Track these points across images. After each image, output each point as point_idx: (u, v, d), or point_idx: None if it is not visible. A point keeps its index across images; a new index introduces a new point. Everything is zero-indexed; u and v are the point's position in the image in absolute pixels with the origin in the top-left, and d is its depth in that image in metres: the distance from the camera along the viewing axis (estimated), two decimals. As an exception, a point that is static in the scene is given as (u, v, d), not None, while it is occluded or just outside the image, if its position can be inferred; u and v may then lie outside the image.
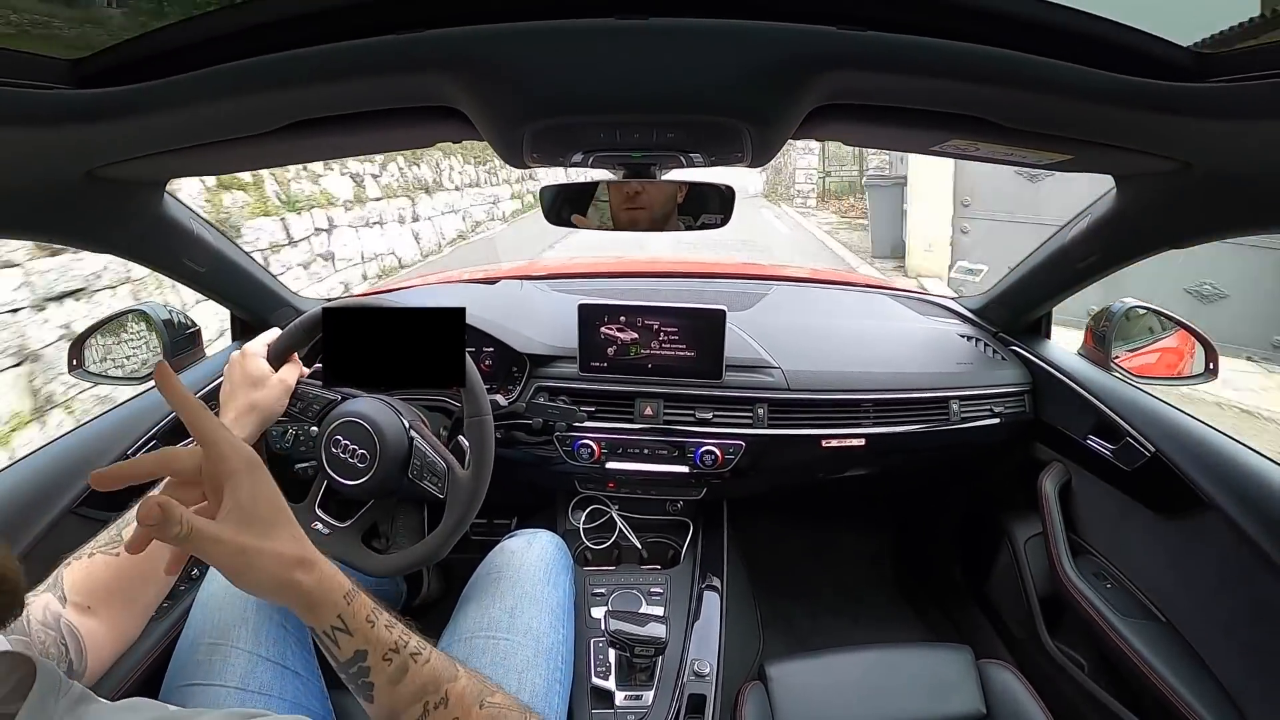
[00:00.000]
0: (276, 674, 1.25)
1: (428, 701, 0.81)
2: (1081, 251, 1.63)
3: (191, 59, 0.81)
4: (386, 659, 0.79)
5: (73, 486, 1.41)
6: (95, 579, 1.00)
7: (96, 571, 1.01)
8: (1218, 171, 1.06)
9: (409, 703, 0.80)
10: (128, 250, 1.46)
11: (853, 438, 1.83)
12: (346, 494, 1.33)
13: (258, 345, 1.31)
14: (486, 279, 2.33)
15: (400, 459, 1.32)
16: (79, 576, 0.99)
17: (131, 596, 1.03)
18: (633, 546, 2.00)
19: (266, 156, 1.31)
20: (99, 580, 1.00)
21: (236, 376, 1.27)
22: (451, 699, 0.82)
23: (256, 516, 0.74)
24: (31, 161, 1.01)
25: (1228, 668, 1.44)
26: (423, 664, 0.82)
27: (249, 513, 0.74)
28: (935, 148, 1.13)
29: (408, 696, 0.80)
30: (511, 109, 0.92)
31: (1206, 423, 1.55)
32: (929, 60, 0.80)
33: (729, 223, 1.34)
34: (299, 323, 1.33)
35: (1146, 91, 0.80)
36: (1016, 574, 1.97)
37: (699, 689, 1.54)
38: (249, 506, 0.74)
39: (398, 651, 0.80)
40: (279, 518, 0.77)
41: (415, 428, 1.36)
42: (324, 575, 0.77)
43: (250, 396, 1.25)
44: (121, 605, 1.02)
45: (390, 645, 0.80)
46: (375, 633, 0.80)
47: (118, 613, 1.01)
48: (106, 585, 1.00)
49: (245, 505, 0.74)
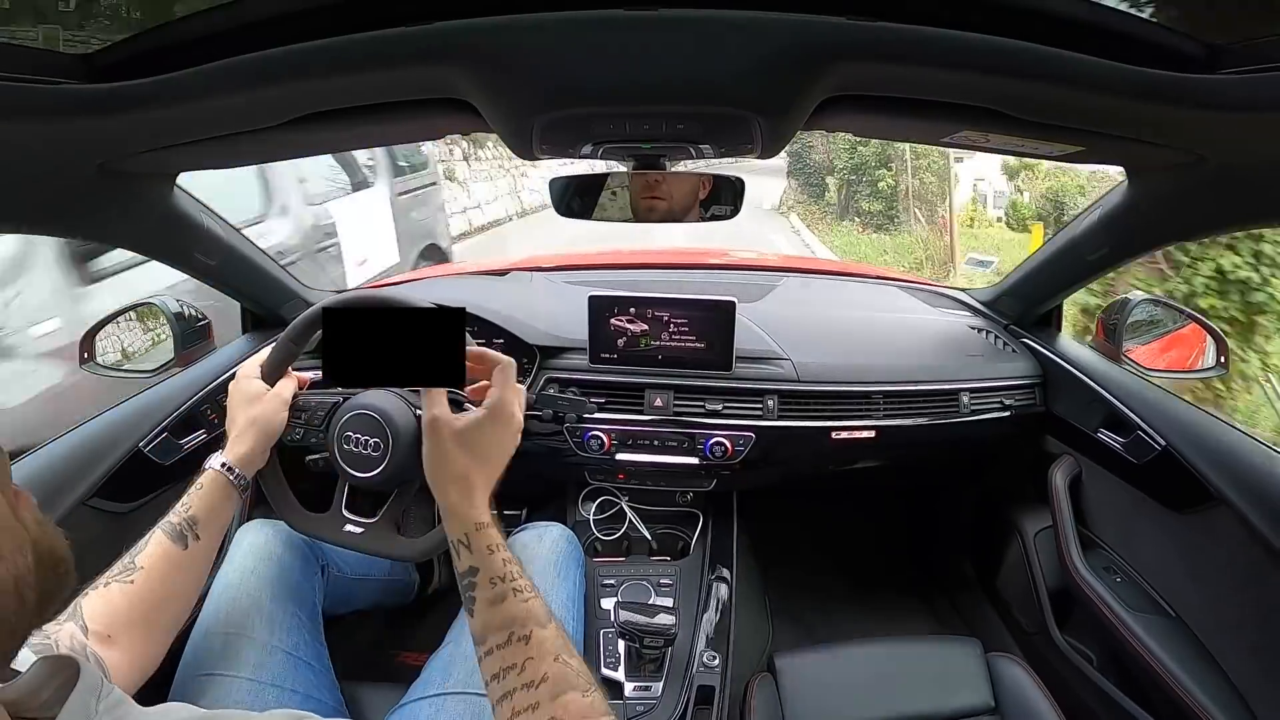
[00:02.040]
0: (289, 664, 1.26)
1: (513, 633, 0.91)
2: (1092, 244, 1.62)
3: (202, 52, 0.81)
4: (491, 583, 0.95)
5: (85, 479, 1.42)
6: (114, 607, 1.01)
7: (114, 600, 1.01)
8: (1230, 163, 1.05)
9: (498, 628, 0.92)
10: (139, 243, 1.47)
11: (863, 430, 1.82)
12: (366, 487, 1.33)
13: (250, 366, 1.31)
14: (496, 270, 2.33)
15: (413, 440, 1.32)
16: (97, 605, 0.99)
17: (150, 622, 1.04)
18: (642, 538, 2.00)
19: (276, 149, 1.31)
20: (118, 608, 1.01)
21: (234, 399, 1.28)
22: (533, 640, 0.90)
23: (485, 443, 1.06)
24: (44, 155, 1.02)
25: (1237, 664, 1.43)
26: (521, 601, 0.94)
27: (486, 438, 1.06)
28: (946, 139, 1.12)
29: (498, 622, 0.92)
30: (521, 101, 0.92)
31: (1219, 417, 1.54)
32: (940, 51, 0.79)
33: (738, 214, 1.35)
34: (284, 337, 1.33)
35: (1158, 83, 0.80)
36: (1026, 567, 1.96)
37: (708, 680, 1.54)
38: (486, 438, 1.06)
39: (504, 581, 0.95)
40: (492, 454, 1.07)
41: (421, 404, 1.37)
42: (471, 505, 1.01)
43: (248, 414, 1.25)
44: (142, 631, 1.03)
45: (499, 574, 0.95)
46: (491, 559, 0.97)
47: (138, 639, 1.02)
48: (126, 613, 1.01)
49: (485, 435, 1.06)
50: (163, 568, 1.07)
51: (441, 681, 1.26)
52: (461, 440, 1.04)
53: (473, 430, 1.05)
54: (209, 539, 1.14)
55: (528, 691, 0.86)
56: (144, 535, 1.10)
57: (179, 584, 1.09)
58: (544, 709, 0.84)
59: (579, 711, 0.83)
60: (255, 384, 1.29)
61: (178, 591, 1.10)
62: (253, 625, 1.27)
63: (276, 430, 1.28)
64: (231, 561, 1.38)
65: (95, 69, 0.83)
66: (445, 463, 1.03)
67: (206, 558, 1.15)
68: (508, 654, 0.90)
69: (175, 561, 1.08)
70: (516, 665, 0.88)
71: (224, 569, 1.37)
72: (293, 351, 1.34)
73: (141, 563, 1.06)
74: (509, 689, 0.87)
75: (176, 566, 1.08)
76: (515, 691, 0.86)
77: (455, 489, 1.02)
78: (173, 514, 1.13)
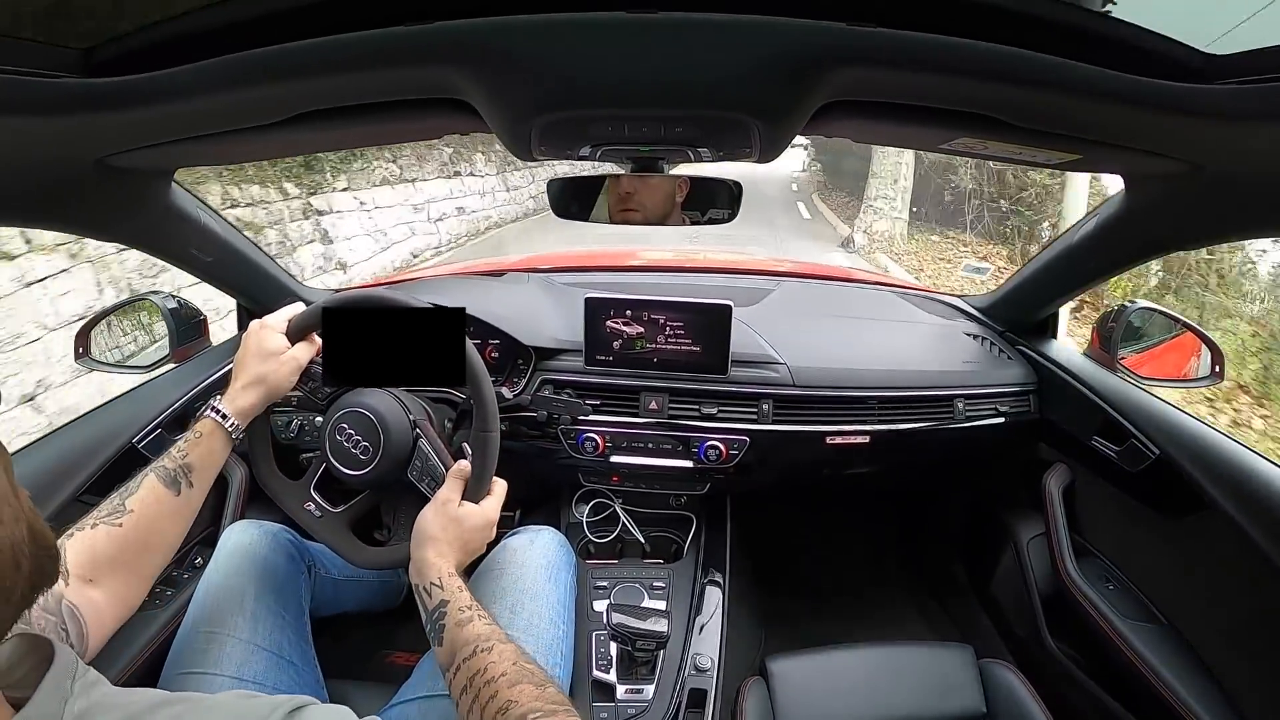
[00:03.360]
0: (272, 663, 1.27)
1: (477, 647, 1.00)
2: (1089, 252, 1.62)
3: (201, 49, 0.81)
4: (460, 610, 1.07)
5: (77, 475, 1.42)
6: (98, 550, 1.01)
7: (99, 543, 1.02)
8: (1227, 173, 1.05)
9: (464, 643, 1.01)
10: (136, 239, 1.46)
11: (857, 434, 1.82)
12: (345, 482, 1.34)
13: (278, 319, 1.31)
14: (494, 271, 2.33)
15: (402, 457, 1.33)
16: (81, 548, 1.00)
17: (133, 566, 1.05)
18: (636, 540, 2.01)
19: (274, 146, 1.31)
20: (102, 551, 1.01)
21: (251, 346, 1.27)
22: (494, 650, 0.99)
23: (467, 529, 1.22)
24: (42, 150, 1.02)
25: (1230, 673, 1.43)
26: (485, 623, 1.05)
27: (471, 526, 1.23)
28: (944, 146, 1.12)
29: (465, 638, 1.02)
30: (520, 102, 0.92)
31: (1213, 425, 1.54)
32: (938, 57, 0.80)
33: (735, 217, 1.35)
34: (321, 303, 1.33)
35: (1157, 92, 0.80)
36: (1019, 574, 1.96)
37: (700, 684, 1.54)
38: (471, 527, 1.23)
39: (470, 609, 1.07)
40: (470, 541, 1.24)
41: (420, 425, 1.36)
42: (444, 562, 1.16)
43: (260, 368, 1.25)
44: (125, 574, 1.03)
45: (466, 605, 1.08)
46: (460, 595, 1.10)
47: (120, 581, 1.02)
48: (110, 556, 1.02)
49: (472, 525, 1.23)
50: (153, 512, 1.08)
51: (432, 684, 1.26)
52: (455, 521, 1.22)
53: (465, 518, 1.22)
54: (200, 486, 1.15)
55: (489, 686, 0.94)
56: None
57: (167, 530, 1.10)
58: (501, 695, 0.91)
59: (531, 696, 0.90)
60: (277, 339, 1.29)
61: (165, 537, 1.10)
62: (236, 624, 1.27)
63: (282, 392, 1.29)
64: (217, 561, 1.38)
65: (94, 64, 0.83)
66: (437, 532, 1.20)
67: (196, 504, 1.16)
68: (473, 663, 0.98)
69: (167, 507, 1.09)
70: (480, 670, 0.97)
71: (209, 568, 1.37)
72: (319, 318, 1.33)
73: (131, 505, 1.06)
74: (475, 690, 0.95)
75: (168, 512, 1.10)
76: (480, 689, 0.95)
77: (434, 549, 1.18)
78: (166, 459, 1.14)
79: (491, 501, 1.27)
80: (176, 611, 1.42)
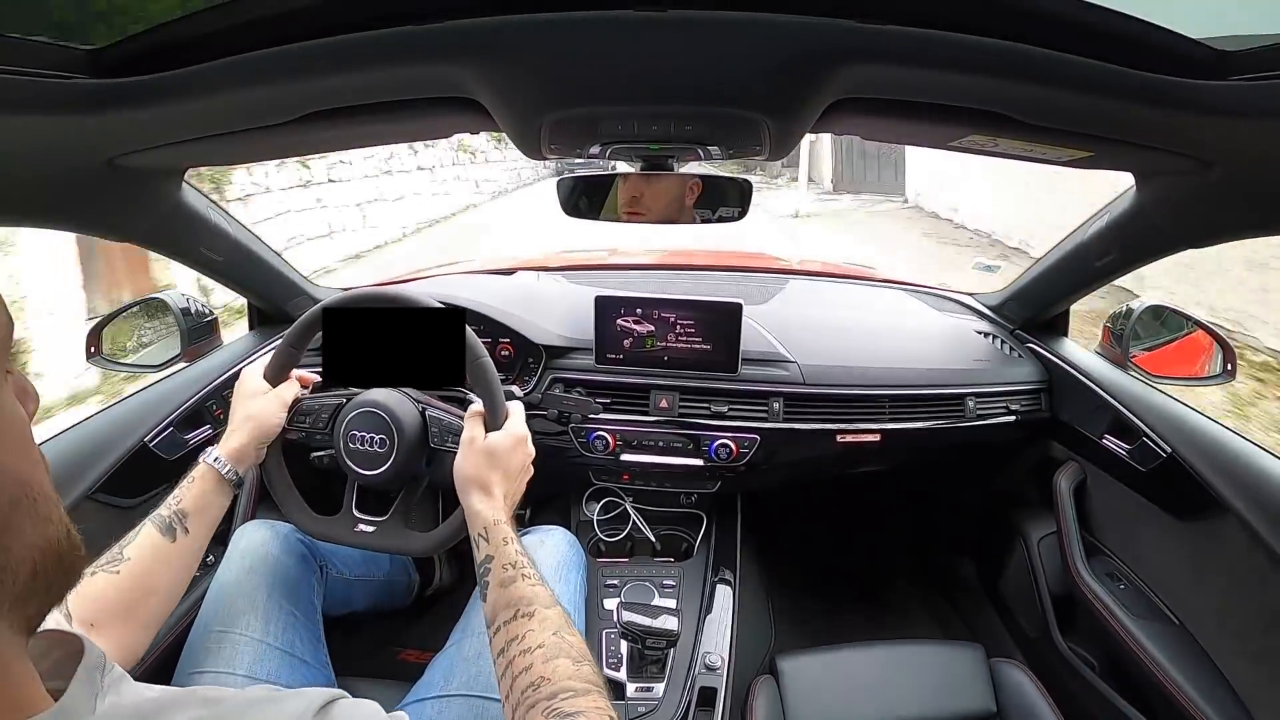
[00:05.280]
0: (285, 662, 1.27)
1: (519, 610, 1.00)
2: (1100, 250, 1.61)
3: (211, 49, 0.81)
4: (504, 568, 1.06)
5: (90, 472, 1.42)
6: (98, 595, 1.01)
7: (99, 588, 1.02)
8: (1239, 171, 1.05)
9: (506, 606, 1.02)
10: (147, 239, 1.47)
11: (868, 433, 1.82)
12: (374, 484, 1.33)
13: (255, 368, 1.34)
14: (503, 270, 2.33)
15: (418, 434, 1.33)
16: (83, 594, 1.00)
17: (133, 612, 1.05)
18: (646, 539, 2.01)
19: (284, 146, 1.31)
20: (102, 597, 1.02)
21: (236, 395, 1.32)
22: (536, 617, 0.99)
23: (503, 457, 1.21)
24: (53, 150, 1.02)
25: (1239, 672, 1.43)
26: (529, 585, 1.04)
27: (504, 452, 1.22)
28: (953, 143, 1.12)
29: (506, 601, 1.02)
30: (529, 100, 0.92)
31: (1224, 425, 1.54)
32: (949, 55, 0.79)
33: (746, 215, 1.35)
34: (284, 340, 1.34)
35: (1169, 89, 0.80)
36: (1030, 573, 1.96)
37: (710, 682, 1.54)
38: (505, 453, 1.22)
39: (514, 567, 1.07)
40: (510, 466, 1.22)
41: (424, 401, 1.37)
42: (490, 506, 1.16)
43: (245, 409, 1.29)
44: (126, 621, 1.04)
45: (510, 562, 1.07)
46: (505, 549, 1.09)
47: (122, 628, 1.03)
48: (110, 602, 1.02)
49: (504, 450, 1.22)
50: (149, 559, 1.08)
51: (445, 683, 1.26)
52: (487, 453, 1.20)
53: (495, 446, 1.21)
54: (198, 532, 1.16)
55: (524, 656, 0.93)
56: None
57: (164, 576, 1.10)
58: (535, 670, 0.91)
59: (565, 674, 0.90)
60: (258, 382, 1.32)
61: (162, 584, 1.10)
62: (248, 623, 1.28)
63: (272, 429, 1.30)
64: (229, 561, 1.39)
65: (105, 64, 0.83)
66: (472, 471, 1.19)
67: (194, 551, 1.16)
68: (513, 628, 0.98)
69: (162, 553, 1.10)
70: (518, 637, 0.97)
71: (221, 568, 1.38)
72: (293, 354, 1.35)
73: (129, 553, 1.07)
74: (510, 657, 0.95)
75: (163, 558, 1.10)
76: (515, 658, 0.94)
77: (476, 491, 1.18)
78: (164, 506, 1.15)
79: (514, 420, 1.28)
80: (188, 610, 1.43)
